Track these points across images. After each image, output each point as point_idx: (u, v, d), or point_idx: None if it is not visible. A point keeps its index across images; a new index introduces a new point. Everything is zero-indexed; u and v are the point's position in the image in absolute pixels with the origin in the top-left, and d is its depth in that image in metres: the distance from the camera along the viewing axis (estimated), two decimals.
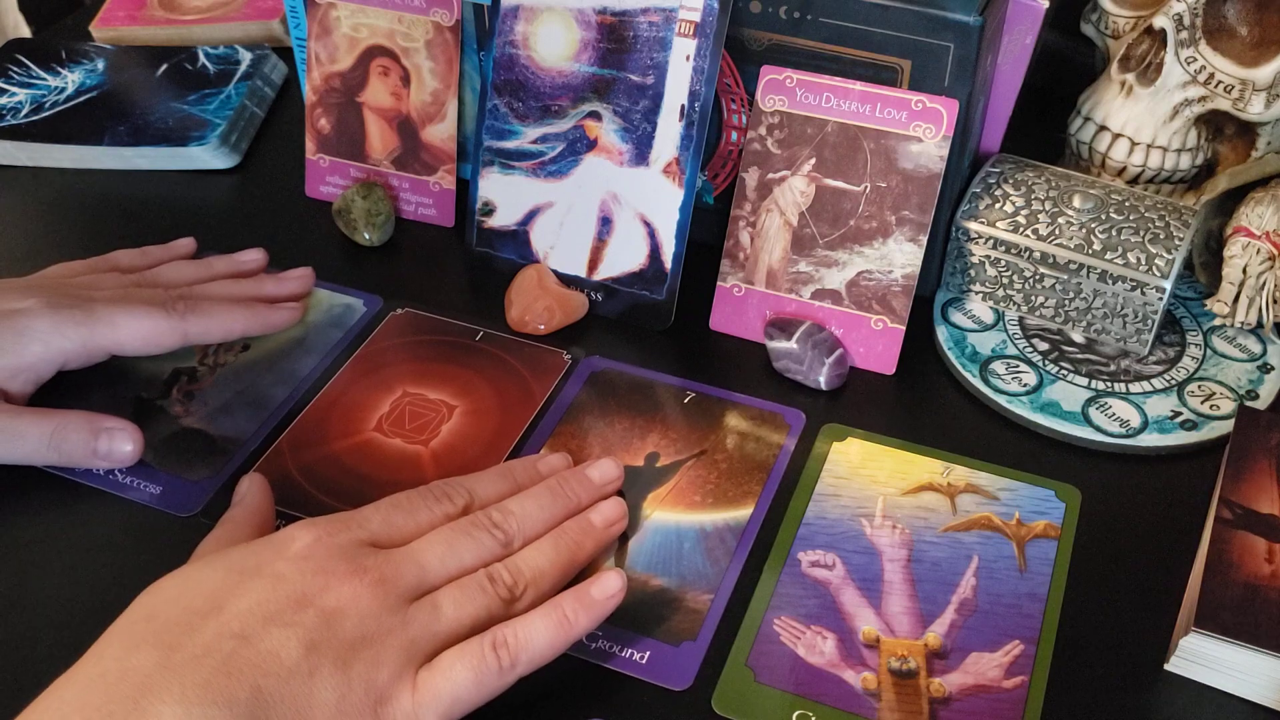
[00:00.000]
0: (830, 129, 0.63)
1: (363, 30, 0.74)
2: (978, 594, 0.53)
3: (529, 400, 0.63)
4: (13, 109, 0.83)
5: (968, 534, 0.55)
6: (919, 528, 0.56)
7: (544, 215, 0.68)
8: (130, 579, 0.46)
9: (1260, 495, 0.53)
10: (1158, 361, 0.64)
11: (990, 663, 0.50)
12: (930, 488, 0.58)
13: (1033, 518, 0.56)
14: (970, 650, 0.50)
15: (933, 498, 0.57)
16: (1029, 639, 0.51)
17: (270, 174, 0.80)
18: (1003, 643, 0.51)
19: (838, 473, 0.58)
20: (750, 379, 0.64)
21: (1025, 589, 0.53)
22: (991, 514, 0.56)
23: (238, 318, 0.63)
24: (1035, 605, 0.52)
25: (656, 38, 0.64)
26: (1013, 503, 0.57)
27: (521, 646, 0.46)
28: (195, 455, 0.60)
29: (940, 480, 0.58)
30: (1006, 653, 0.50)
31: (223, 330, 0.63)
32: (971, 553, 0.54)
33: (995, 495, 0.57)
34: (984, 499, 0.57)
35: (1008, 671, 0.50)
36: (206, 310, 0.62)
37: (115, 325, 0.59)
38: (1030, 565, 0.54)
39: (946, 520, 0.56)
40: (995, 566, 0.54)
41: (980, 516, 0.56)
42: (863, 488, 0.58)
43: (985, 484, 0.58)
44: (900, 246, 0.63)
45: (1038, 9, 0.63)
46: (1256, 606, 0.48)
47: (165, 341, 0.61)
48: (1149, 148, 0.67)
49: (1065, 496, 0.57)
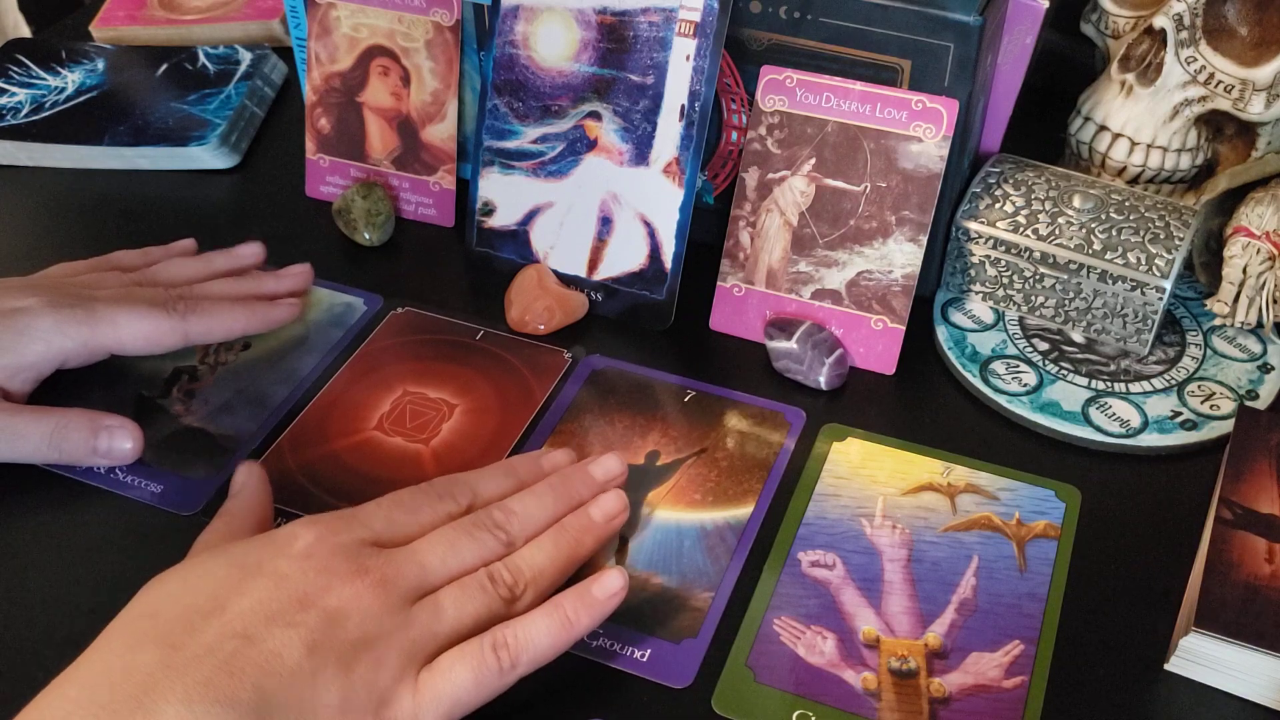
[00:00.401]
0: (830, 129, 0.63)
1: (363, 30, 0.74)
2: (978, 594, 0.53)
3: (529, 399, 0.63)
4: (13, 109, 0.83)
5: (968, 534, 0.55)
6: (919, 528, 0.56)
7: (544, 215, 0.69)
8: (130, 578, 0.46)
9: (1260, 495, 0.53)
10: (1158, 361, 0.64)
11: (990, 663, 0.50)
12: (930, 488, 0.58)
13: (1033, 518, 0.56)
14: (970, 650, 0.50)
15: (933, 498, 0.57)
16: (1029, 639, 0.51)
17: (270, 174, 0.80)
18: (1003, 643, 0.51)
19: (838, 473, 0.58)
20: (750, 379, 0.64)
21: (1025, 589, 0.53)
22: (992, 514, 0.56)
23: (239, 316, 0.63)
24: (1035, 605, 0.52)
25: (656, 37, 0.64)
26: (1013, 503, 0.57)
27: (522, 647, 0.46)
28: (196, 454, 0.60)
29: (940, 480, 0.58)
30: (1006, 653, 0.50)
31: (224, 329, 0.63)
32: (971, 553, 0.54)
33: (995, 495, 0.57)
34: (984, 499, 0.57)
35: (1008, 671, 0.50)
36: (208, 310, 0.62)
37: (117, 325, 0.60)
38: (1030, 565, 0.54)
39: (946, 520, 0.56)
40: (995, 566, 0.54)
41: (980, 516, 0.56)
42: (863, 487, 0.58)
43: (985, 484, 0.58)
44: (900, 246, 0.63)
45: (1038, 9, 0.63)
46: (1256, 606, 0.48)
47: (166, 341, 0.61)
48: (1149, 148, 0.67)
49: (1065, 496, 0.57)
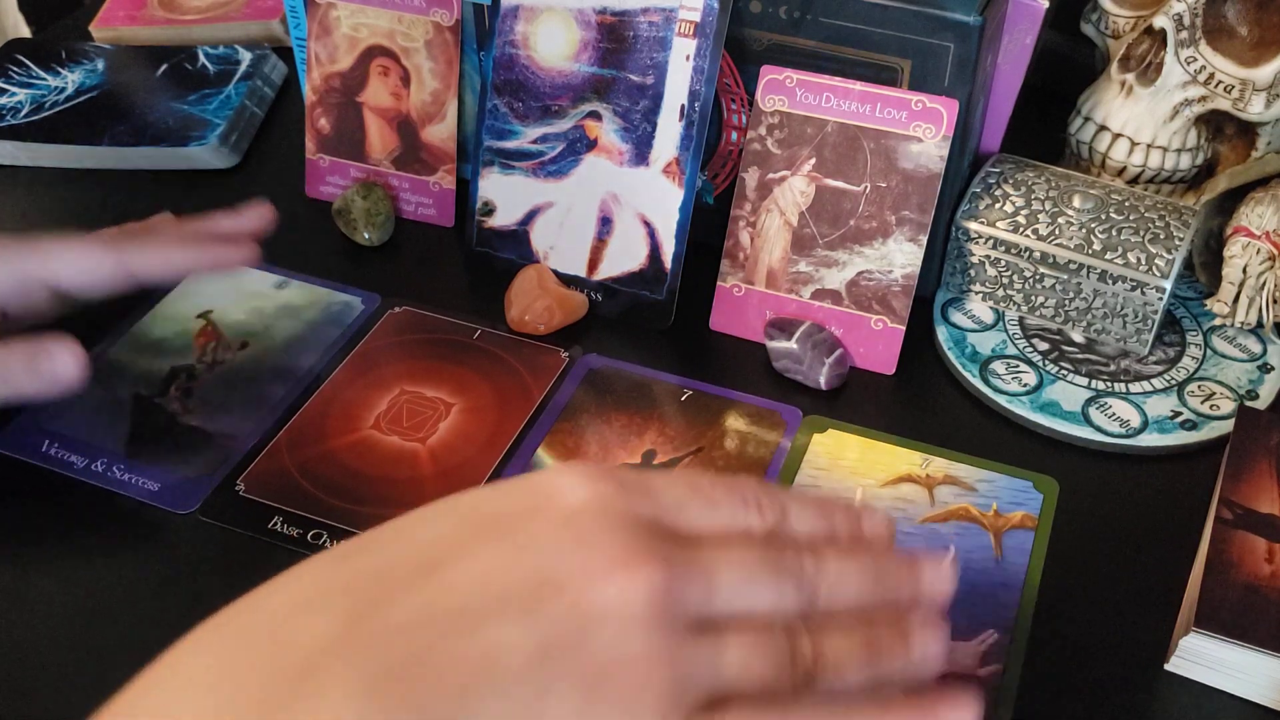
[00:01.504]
0: (830, 129, 0.63)
1: (363, 30, 0.74)
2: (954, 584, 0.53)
3: (526, 398, 0.63)
4: (13, 109, 0.83)
5: (945, 525, 0.56)
6: (897, 519, 0.56)
7: (544, 215, 0.68)
8: (129, 577, 0.46)
9: (1260, 495, 0.53)
10: (1158, 361, 0.64)
11: (965, 651, 0.50)
12: (909, 479, 0.58)
13: (1010, 508, 0.56)
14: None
15: (911, 489, 0.57)
16: (1004, 627, 0.51)
17: (270, 174, 0.80)
18: (978, 631, 0.51)
19: (818, 464, 0.59)
20: (750, 379, 0.64)
21: (1000, 578, 0.53)
22: (970, 505, 0.56)
23: (187, 253, 0.59)
24: (1010, 594, 0.52)
25: (656, 37, 0.64)
26: (991, 494, 0.57)
27: None
28: (193, 453, 0.60)
29: (919, 472, 0.58)
30: (981, 641, 0.51)
31: (164, 262, 0.59)
32: (948, 544, 0.55)
33: (973, 486, 0.57)
34: (962, 490, 0.57)
35: (982, 660, 0.50)
36: (150, 243, 0.58)
37: (49, 254, 0.56)
38: (1006, 555, 0.54)
39: (924, 511, 0.56)
40: (972, 557, 0.54)
41: (958, 508, 0.56)
42: (842, 479, 0.58)
43: (964, 475, 0.58)
44: (900, 246, 0.63)
45: (1038, 9, 0.63)
46: (1256, 606, 0.48)
47: (102, 271, 0.57)
48: (1149, 148, 0.67)
49: (1043, 488, 0.57)
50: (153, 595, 0.53)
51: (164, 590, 0.54)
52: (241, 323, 0.67)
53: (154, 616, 0.52)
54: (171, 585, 0.54)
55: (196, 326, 0.67)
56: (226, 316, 0.68)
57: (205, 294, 0.69)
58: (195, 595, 0.53)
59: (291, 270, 0.71)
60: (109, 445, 0.60)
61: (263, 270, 0.71)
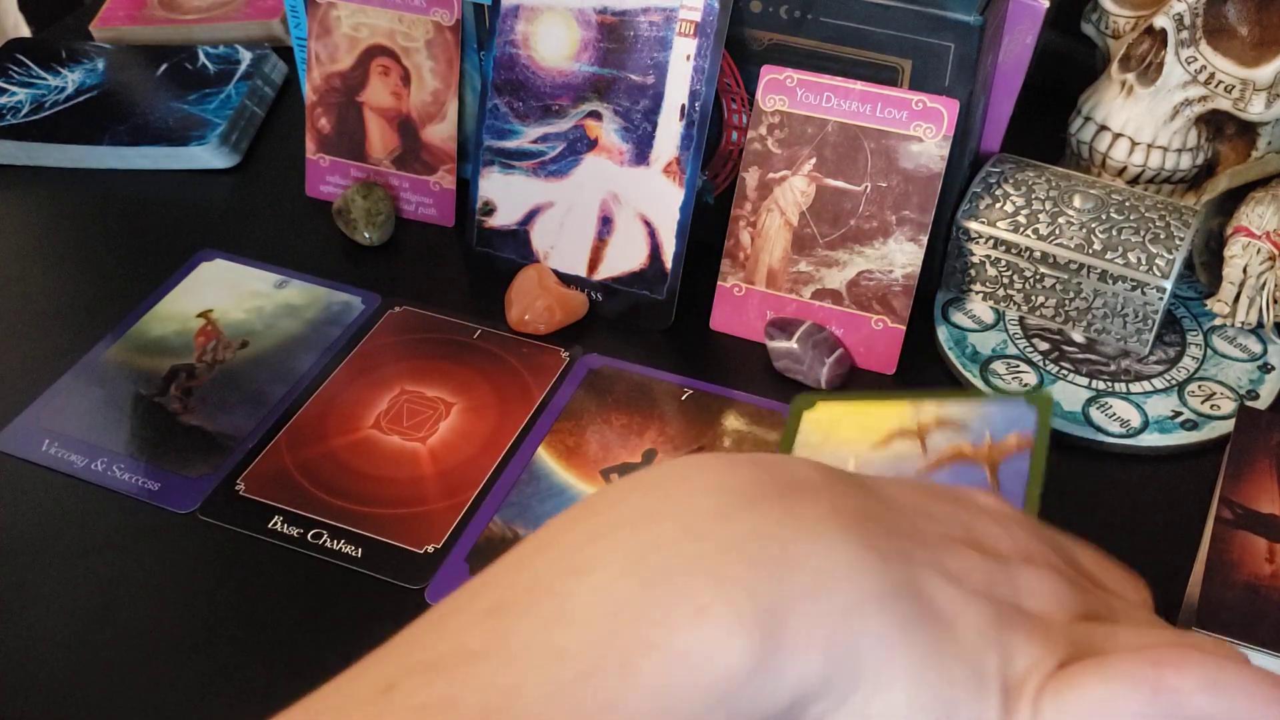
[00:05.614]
0: (831, 129, 0.63)
1: (363, 30, 0.74)
2: None
3: (526, 397, 0.63)
4: (13, 109, 0.83)
5: (938, 472, 0.55)
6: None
7: (544, 215, 0.68)
8: (129, 577, 0.46)
9: (1261, 495, 0.53)
10: (1158, 361, 0.64)
11: None
12: (900, 434, 0.56)
13: (1003, 434, 0.55)
14: None
15: (903, 445, 0.56)
16: None
17: (270, 174, 0.80)
18: None
19: (810, 441, 0.58)
20: (751, 379, 0.64)
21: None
22: (961, 445, 0.55)
23: None
24: None
25: (657, 37, 0.64)
26: (983, 426, 0.56)
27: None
28: (193, 452, 0.60)
29: (910, 423, 0.57)
30: None
31: None
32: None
33: (966, 424, 0.56)
34: (954, 431, 0.56)
35: None
36: None
37: None
38: (1003, 484, 0.53)
39: (916, 464, 0.55)
40: None
41: (949, 450, 0.55)
42: (835, 450, 0.57)
43: (955, 414, 0.57)
44: (901, 246, 0.63)
45: (1038, 9, 0.63)
46: (1257, 606, 0.48)
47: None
48: (1149, 148, 0.67)
49: (1035, 401, 0.56)
50: (152, 595, 0.53)
51: (164, 590, 0.53)
52: (242, 322, 0.68)
53: (154, 616, 0.52)
54: (171, 585, 0.54)
55: (196, 326, 0.67)
56: (226, 316, 0.68)
57: (205, 293, 0.69)
58: (195, 595, 0.53)
59: (291, 270, 0.71)
60: (109, 445, 0.60)
61: (263, 270, 0.71)
